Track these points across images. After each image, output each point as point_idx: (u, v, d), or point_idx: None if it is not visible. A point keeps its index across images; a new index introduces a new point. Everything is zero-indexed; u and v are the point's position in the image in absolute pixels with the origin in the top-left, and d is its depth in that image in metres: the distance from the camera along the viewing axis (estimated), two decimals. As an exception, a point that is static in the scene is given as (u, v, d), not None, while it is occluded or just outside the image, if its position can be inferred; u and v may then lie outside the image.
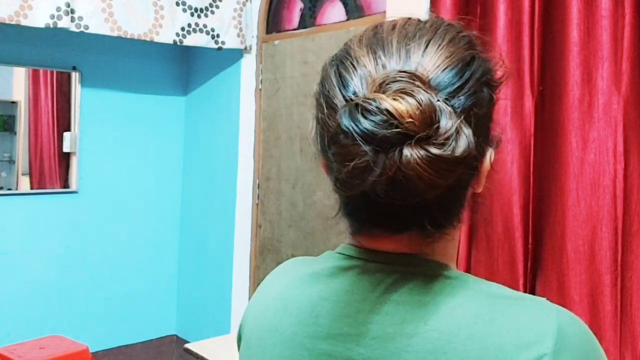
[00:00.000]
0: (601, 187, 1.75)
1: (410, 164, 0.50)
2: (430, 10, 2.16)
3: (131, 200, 3.64)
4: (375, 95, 0.51)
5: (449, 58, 0.56)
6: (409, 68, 0.55)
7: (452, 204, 0.58)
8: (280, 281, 0.70)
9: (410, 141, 0.50)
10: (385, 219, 0.58)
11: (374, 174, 0.51)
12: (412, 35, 0.59)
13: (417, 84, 0.52)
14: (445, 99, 0.53)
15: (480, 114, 0.56)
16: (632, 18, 1.70)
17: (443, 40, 0.58)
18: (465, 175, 0.55)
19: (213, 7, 3.23)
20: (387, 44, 0.58)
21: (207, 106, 3.68)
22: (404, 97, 0.51)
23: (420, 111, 0.50)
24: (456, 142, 0.50)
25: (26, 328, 3.26)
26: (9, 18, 2.62)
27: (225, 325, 3.45)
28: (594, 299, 1.76)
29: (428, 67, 0.55)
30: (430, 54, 0.57)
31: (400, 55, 0.57)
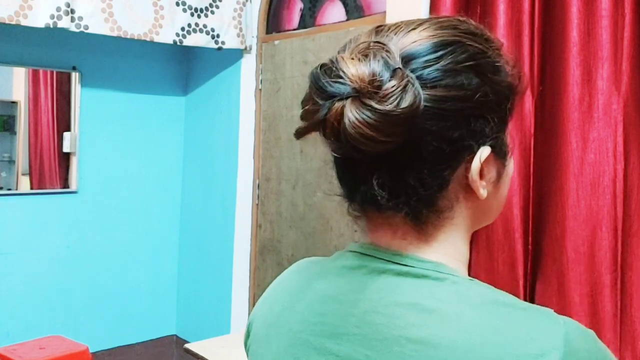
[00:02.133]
0: (601, 187, 1.75)
1: (346, 113, 0.54)
2: (430, 10, 2.16)
3: (131, 200, 3.64)
4: (340, 56, 0.56)
5: (429, 37, 0.59)
6: (387, 41, 0.59)
7: (408, 174, 0.58)
8: (291, 279, 0.71)
9: (355, 95, 0.54)
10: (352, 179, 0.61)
11: (318, 115, 0.55)
12: (413, 21, 0.62)
13: (382, 51, 0.56)
14: (412, 69, 0.57)
15: (458, 96, 0.57)
16: (632, 18, 1.70)
17: (433, 25, 0.60)
18: (422, 143, 0.57)
19: (213, 7, 3.23)
20: (390, 27, 0.62)
21: (207, 106, 3.68)
22: (361, 59, 0.55)
23: (367, 71, 0.54)
24: (399, 100, 0.54)
25: (26, 328, 3.26)
26: (9, 18, 2.62)
27: (225, 325, 3.45)
28: (594, 299, 1.76)
29: (405, 42, 0.59)
30: (413, 32, 0.60)
31: (389, 34, 0.60)
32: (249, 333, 0.73)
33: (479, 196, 0.61)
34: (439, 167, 0.59)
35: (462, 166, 0.60)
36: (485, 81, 0.60)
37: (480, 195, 0.61)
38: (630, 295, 1.70)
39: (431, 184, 0.59)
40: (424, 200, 0.59)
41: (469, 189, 0.61)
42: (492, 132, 0.61)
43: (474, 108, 0.59)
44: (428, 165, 0.58)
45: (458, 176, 0.60)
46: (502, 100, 0.62)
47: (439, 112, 0.57)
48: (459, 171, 0.60)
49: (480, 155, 0.60)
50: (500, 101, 0.62)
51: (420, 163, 0.58)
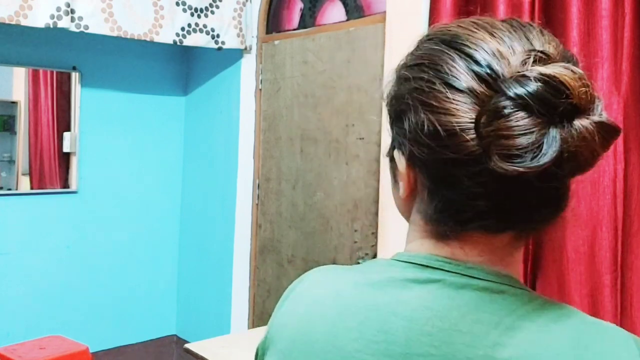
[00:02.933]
0: (601, 187, 1.75)
1: (582, 134, 0.49)
2: (430, 11, 2.16)
3: (131, 200, 3.64)
4: (533, 66, 0.51)
5: (560, 46, 0.57)
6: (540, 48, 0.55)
7: (565, 195, 0.58)
8: (326, 289, 0.63)
9: (579, 113, 0.50)
10: (503, 211, 0.56)
11: (552, 149, 0.49)
12: (515, 24, 0.58)
13: (556, 61, 0.53)
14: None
15: None
16: (632, 18, 1.70)
17: (547, 34, 0.58)
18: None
19: (213, 7, 3.23)
20: (498, 30, 0.57)
21: (207, 106, 3.68)
22: (565, 68, 0.51)
23: (585, 83, 0.50)
24: (599, 109, 0.51)
25: (26, 328, 3.26)
26: (9, 18, 2.62)
27: (225, 325, 3.45)
28: (594, 299, 1.76)
29: (551, 49, 0.55)
30: (546, 40, 0.57)
31: (521, 38, 0.56)
32: (267, 346, 0.66)
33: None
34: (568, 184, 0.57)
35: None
36: None
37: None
38: (630, 295, 1.70)
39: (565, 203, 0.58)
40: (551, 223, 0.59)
41: None
42: None
43: None
44: (567, 182, 0.57)
45: None
46: None
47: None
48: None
49: None
50: None
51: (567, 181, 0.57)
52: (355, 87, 2.83)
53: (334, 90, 2.93)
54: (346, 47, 2.88)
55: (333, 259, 2.93)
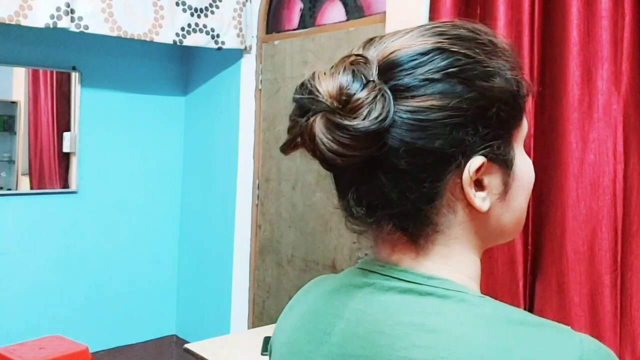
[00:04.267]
0: (601, 188, 1.75)
1: (313, 128, 0.54)
2: (430, 11, 2.16)
3: (131, 200, 3.64)
4: (317, 73, 0.57)
5: (409, 45, 0.57)
6: (369, 53, 0.58)
7: (387, 187, 0.57)
8: (305, 298, 0.70)
9: (323, 111, 0.54)
10: (338, 193, 0.62)
11: (294, 131, 0.57)
12: (402, 30, 0.61)
13: (356, 65, 0.56)
14: (387, 79, 0.56)
15: (437, 106, 0.55)
16: (632, 18, 1.70)
17: (417, 33, 0.59)
18: (397, 156, 0.55)
19: (213, 7, 3.23)
20: (382, 37, 0.61)
21: (207, 106, 3.68)
22: (333, 74, 0.56)
23: (335, 86, 0.55)
24: (367, 113, 0.53)
25: (26, 328, 3.26)
26: (9, 18, 2.62)
27: (225, 325, 3.45)
28: (594, 299, 1.76)
29: (386, 52, 0.58)
30: (397, 41, 0.58)
31: (377, 45, 0.59)
32: (270, 351, 0.72)
33: (477, 208, 0.58)
34: (420, 179, 0.56)
35: (452, 178, 0.57)
36: (473, 88, 0.56)
37: (479, 207, 0.58)
38: (630, 295, 1.70)
39: (415, 197, 0.57)
40: (411, 214, 0.57)
41: (469, 202, 0.59)
42: (483, 141, 0.57)
43: (457, 117, 0.56)
44: (408, 177, 0.56)
45: (451, 188, 0.57)
46: (494, 107, 0.58)
47: (415, 122, 0.55)
48: (450, 183, 0.57)
49: (469, 165, 0.57)
50: (491, 108, 0.58)
51: (398, 175, 0.56)
52: (355, 87, 2.82)
53: (334, 90, 2.93)
54: (346, 47, 2.87)
55: (332, 260, 2.93)
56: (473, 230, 0.60)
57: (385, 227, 0.59)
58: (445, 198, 0.58)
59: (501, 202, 0.61)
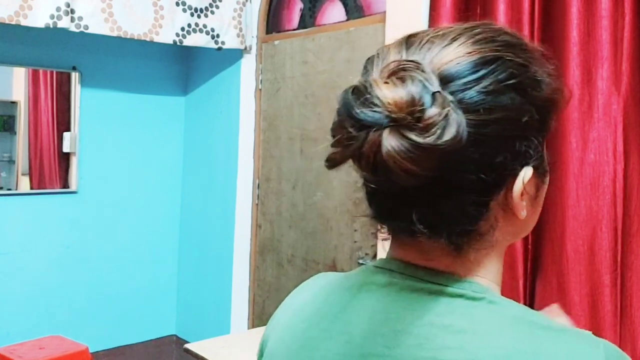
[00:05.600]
0: (601, 187, 1.75)
1: (385, 146, 0.49)
2: (430, 11, 2.16)
3: (131, 200, 3.64)
4: (373, 80, 0.52)
5: (468, 54, 0.55)
6: (421, 59, 0.54)
7: (448, 205, 0.55)
8: (314, 294, 0.67)
9: (393, 125, 0.50)
10: (388, 211, 0.58)
11: (353, 147, 0.51)
12: (445, 33, 0.57)
13: (418, 73, 0.51)
14: (451, 92, 0.52)
15: (500, 119, 0.54)
16: (632, 18, 1.70)
17: (469, 39, 0.56)
18: (463, 173, 0.53)
19: (213, 7, 3.23)
20: (422, 40, 0.57)
21: (207, 106, 3.68)
22: (396, 82, 0.51)
23: (406, 97, 0.50)
24: (442, 131, 0.49)
25: (26, 328, 3.26)
26: (9, 18, 2.62)
27: (225, 325, 3.45)
28: (594, 299, 1.76)
29: (442, 60, 0.54)
30: (450, 49, 0.55)
31: (421, 49, 0.56)
32: (262, 352, 0.70)
33: (519, 217, 0.58)
34: (483, 196, 0.55)
35: (504, 190, 0.57)
36: (528, 99, 0.56)
37: (521, 216, 0.58)
38: (630, 295, 1.70)
39: (475, 214, 0.55)
40: (467, 231, 0.56)
41: (508, 210, 0.58)
42: (537, 152, 0.57)
43: (518, 129, 0.55)
44: (471, 195, 0.55)
45: (499, 200, 0.57)
46: (545, 116, 0.58)
47: (481, 137, 0.52)
48: (500, 195, 0.57)
49: (523, 177, 0.56)
50: (543, 118, 0.58)
51: (462, 193, 0.54)
52: (355, 87, 2.82)
53: (334, 90, 2.93)
54: (346, 47, 2.88)
55: (333, 259, 2.93)
56: (506, 237, 0.60)
57: (429, 242, 0.57)
58: (493, 209, 0.57)
59: (531, 206, 0.60)
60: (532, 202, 0.60)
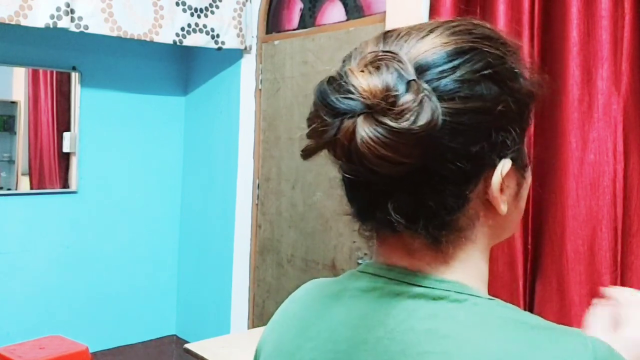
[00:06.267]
0: (601, 187, 1.75)
1: (359, 132, 0.49)
2: (430, 11, 2.16)
3: (131, 200, 3.64)
4: (349, 69, 0.52)
5: (443, 45, 0.55)
6: (398, 50, 0.55)
7: (426, 195, 0.54)
8: (301, 302, 0.67)
9: (367, 112, 0.50)
10: (366, 204, 0.58)
11: (327, 134, 0.51)
12: (423, 27, 0.58)
13: (394, 62, 0.52)
14: (426, 80, 0.52)
15: (476, 108, 0.54)
16: (632, 18, 1.70)
17: (446, 31, 0.57)
18: (440, 162, 0.53)
19: (213, 7, 3.23)
20: (399, 33, 0.58)
21: (207, 106, 3.68)
22: (372, 71, 0.51)
23: (380, 85, 0.50)
24: (416, 116, 0.49)
25: (26, 328, 3.26)
26: (9, 18, 2.62)
27: (225, 325, 3.45)
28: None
29: (418, 50, 0.55)
30: (426, 40, 0.55)
31: (399, 41, 0.56)
32: (258, 354, 0.69)
33: (499, 212, 0.57)
34: (461, 186, 0.55)
35: (482, 182, 0.56)
36: (505, 90, 0.56)
37: (501, 210, 0.57)
38: (630, 295, 1.70)
39: (453, 205, 0.55)
40: (445, 223, 0.56)
41: (488, 205, 0.57)
42: (514, 144, 0.58)
43: (495, 119, 0.55)
44: (449, 185, 0.54)
45: (478, 192, 0.56)
46: (523, 108, 0.58)
47: (457, 126, 0.52)
48: (479, 187, 0.56)
49: (501, 169, 0.56)
50: (521, 110, 0.58)
51: (440, 184, 0.54)
52: (355, 87, 2.82)
53: (334, 90, 2.93)
54: (346, 47, 2.88)
55: (332, 259, 2.93)
56: (489, 233, 0.60)
57: (407, 235, 0.57)
58: (473, 203, 0.57)
59: (513, 203, 0.60)
60: (514, 199, 0.60)
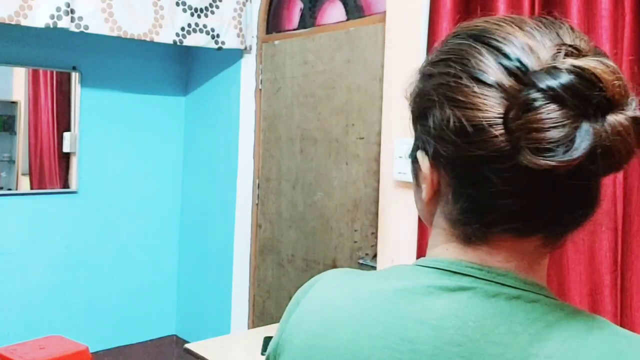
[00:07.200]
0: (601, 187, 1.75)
1: (616, 128, 0.48)
2: (430, 11, 2.16)
3: (131, 200, 3.64)
4: (565, 59, 0.50)
5: (592, 43, 0.55)
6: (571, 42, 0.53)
7: (591, 196, 0.55)
8: (343, 295, 0.61)
9: (613, 107, 0.48)
10: (531, 212, 0.53)
11: (585, 142, 0.47)
12: (545, 21, 0.57)
13: (588, 55, 0.51)
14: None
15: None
16: (632, 18, 1.70)
17: (578, 30, 0.57)
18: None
19: (213, 7, 3.23)
20: (528, 26, 0.56)
21: (207, 106, 3.68)
22: (598, 61, 0.49)
23: (619, 77, 0.49)
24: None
25: (26, 328, 3.26)
26: (9, 18, 2.62)
27: (225, 325, 3.45)
28: (594, 299, 1.76)
29: (582, 44, 0.54)
30: (577, 35, 0.55)
31: (551, 33, 0.55)
32: (279, 352, 0.63)
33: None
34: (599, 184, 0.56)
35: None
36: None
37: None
38: (630, 295, 1.70)
39: (596, 204, 0.56)
40: (580, 224, 0.57)
41: None
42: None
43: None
44: (599, 181, 0.55)
45: None
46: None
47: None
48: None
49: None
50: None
51: (599, 180, 0.54)
52: (355, 87, 2.83)
53: (334, 90, 2.93)
54: (346, 47, 2.88)
55: (333, 259, 2.93)
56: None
57: (533, 239, 0.56)
58: None
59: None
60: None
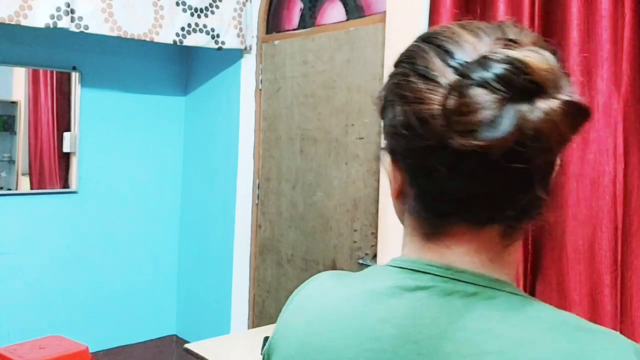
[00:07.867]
0: (601, 187, 1.75)
1: (545, 112, 0.50)
2: (430, 11, 2.16)
3: (131, 200, 3.64)
4: (499, 50, 0.52)
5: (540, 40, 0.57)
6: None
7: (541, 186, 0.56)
8: (329, 297, 0.64)
9: (543, 92, 0.50)
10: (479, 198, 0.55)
11: (507, 123, 0.50)
12: (497, 23, 0.59)
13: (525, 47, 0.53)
14: None
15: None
16: (632, 18, 1.70)
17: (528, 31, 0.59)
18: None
19: (213, 7, 3.23)
20: (476, 27, 0.58)
21: (207, 106, 3.68)
22: (531, 51, 0.51)
23: (550, 64, 0.51)
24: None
25: (26, 328, 3.26)
26: (9, 18, 2.62)
27: (225, 325, 3.45)
28: (594, 299, 1.76)
29: (523, 39, 0.55)
30: (524, 33, 0.57)
31: (495, 31, 0.57)
32: (271, 352, 0.66)
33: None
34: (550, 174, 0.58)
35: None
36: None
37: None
38: (630, 295, 1.70)
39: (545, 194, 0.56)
40: (533, 215, 0.57)
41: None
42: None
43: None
44: (549, 175, 0.58)
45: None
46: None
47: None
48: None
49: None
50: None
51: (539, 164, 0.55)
52: (355, 87, 2.83)
53: (334, 90, 2.93)
54: (346, 47, 2.88)
55: (333, 259, 2.93)
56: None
57: (488, 229, 0.57)
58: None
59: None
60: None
